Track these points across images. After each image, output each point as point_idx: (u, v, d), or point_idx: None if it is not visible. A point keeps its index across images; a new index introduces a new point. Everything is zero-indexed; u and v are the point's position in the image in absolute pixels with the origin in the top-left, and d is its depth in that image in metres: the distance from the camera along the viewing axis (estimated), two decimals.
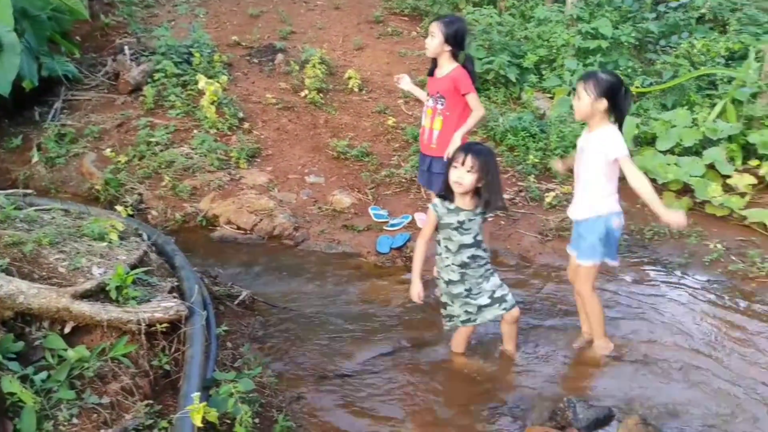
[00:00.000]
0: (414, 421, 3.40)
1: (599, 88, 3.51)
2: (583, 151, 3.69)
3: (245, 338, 3.83)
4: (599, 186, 3.64)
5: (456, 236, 3.52)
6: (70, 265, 3.29)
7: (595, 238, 3.66)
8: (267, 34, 8.38)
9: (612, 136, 3.55)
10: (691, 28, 8.38)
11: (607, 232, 3.66)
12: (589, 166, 3.65)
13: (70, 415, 2.76)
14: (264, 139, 6.41)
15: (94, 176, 5.69)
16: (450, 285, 3.61)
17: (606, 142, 3.54)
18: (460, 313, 3.65)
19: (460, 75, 4.37)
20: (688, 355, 3.92)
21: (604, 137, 3.56)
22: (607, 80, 3.53)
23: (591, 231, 3.67)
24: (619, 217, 3.70)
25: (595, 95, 3.52)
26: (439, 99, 4.46)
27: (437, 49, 4.39)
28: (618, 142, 3.53)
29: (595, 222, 3.66)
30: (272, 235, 5.22)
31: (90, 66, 7.38)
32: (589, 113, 3.58)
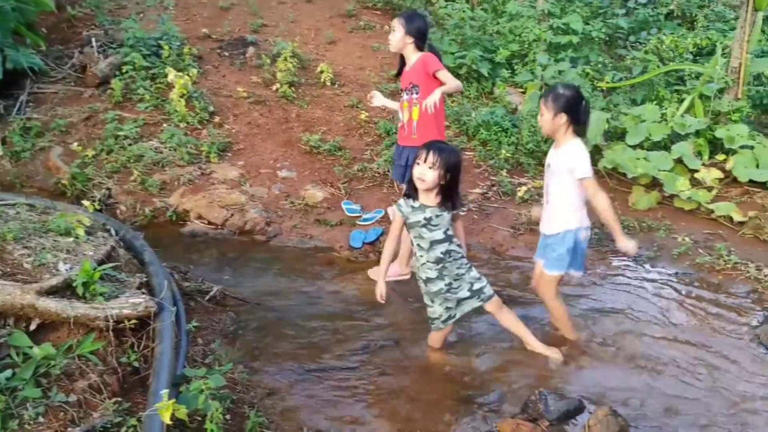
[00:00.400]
0: (387, 417, 3.39)
1: (557, 103, 3.58)
2: (550, 167, 3.76)
3: (216, 334, 3.79)
4: (568, 201, 3.71)
5: (426, 233, 3.52)
6: (36, 261, 3.22)
7: (563, 250, 3.74)
8: (238, 27, 8.29)
9: (577, 155, 3.62)
10: (660, 25, 8.51)
11: (575, 245, 3.74)
12: (557, 183, 3.72)
13: (36, 414, 2.70)
14: (235, 133, 6.35)
15: (60, 171, 5.58)
16: (429, 283, 3.60)
17: (572, 160, 3.61)
18: (441, 312, 3.65)
19: (428, 58, 4.34)
20: (656, 346, 3.98)
21: (570, 155, 3.63)
22: (565, 95, 3.60)
23: (560, 244, 3.75)
24: (587, 231, 3.79)
25: (554, 111, 3.59)
26: (413, 89, 4.41)
27: (399, 43, 4.36)
28: (582, 161, 3.60)
29: (565, 236, 3.74)
30: (244, 230, 5.18)
31: (56, 58, 7.23)
32: (552, 129, 3.66)
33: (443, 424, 3.33)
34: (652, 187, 5.79)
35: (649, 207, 5.63)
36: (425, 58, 4.33)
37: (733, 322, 4.25)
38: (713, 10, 8.75)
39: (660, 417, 3.40)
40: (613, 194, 5.78)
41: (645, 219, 5.44)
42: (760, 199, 5.66)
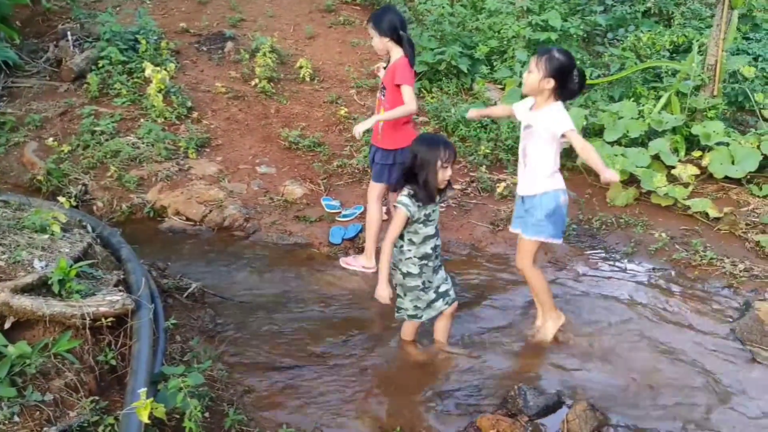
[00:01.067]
0: (365, 412, 3.39)
1: (550, 66, 3.51)
2: (529, 128, 3.70)
3: (195, 331, 3.76)
4: (547, 162, 3.66)
5: (422, 228, 3.50)
6: (10, 258, 3.17)
7: (542, 214, 3.69)
8: (216, 22, 8.22)
9: (558, 113, 3.57)
10: (637, 22, 8.58)
11: (555, 208, 3.69)
12: (536, 144, 3.66)
13: (11, 414, 2.66)
14: (213, 129, 6.30)
15: (35, 166, 5.50)
16: (407, 278, 3.57)
17: (553, 119, 3.57)
18: (408, 307, 3.65)
19: (399, 65, 4.25)
20: (633, 342, 4.02)
21: (550, 114, 3.58)
22: (559, 60, 3.52)
23: (539, 207, 3.69)
24: (565, 194, 3.74)
25: (545, 73, 3.53)
26: (382, 90, 4.39)
27: (380, 45, 4.30)
28: (564, 117, 3.56)
29: (542, 197, 3.68)
30: (222, 226, 5.14)
31: (31, 52, 7.12)
32: (537, 89, 3.60)
33: (423, 420, 3.34)
34: (630, 184, 5.84)
35: (626, 203, 5.68)
36: (397, 66, 4.25)
37: (710, 317, 4.31)
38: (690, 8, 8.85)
39: (638, 412, 3.45)
40: (591, 191, 5.85)
41: (622, 215, 5.50)
42: (735, 195, 5.75)
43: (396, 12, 4.35)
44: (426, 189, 3.38)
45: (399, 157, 4.35)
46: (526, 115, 3.75)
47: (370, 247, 4.60)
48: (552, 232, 3.73)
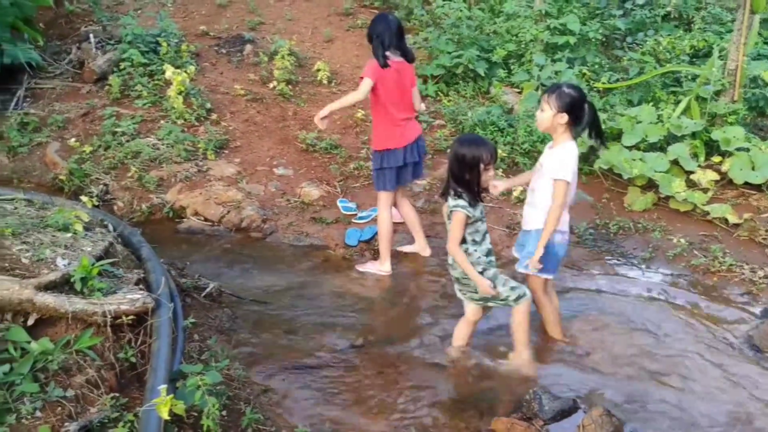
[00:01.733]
0: (381, 415, 3.41)
1: (561, 102, 3.56)
2: (542, 165, 3.74)
3: (212, 330, 3.81)
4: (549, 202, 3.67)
5: (482, 226, 3.55)
6: (34, 256, 3.22)
7: (533, 248, 3.71)
8: (235, 25, 8.29)
9: (563, 157, 3.61)
10: (657, 26, 8.53)
11: (549, 246, 3.68)
12: (544, 183, 3.69)
13: (34, 409, 2.71)
14: (232, 131, 6.35)
15: (58, 166, 5.58)
16: (484, 273, 3.55)
17: (555, 162, 3.62)
18: (509, 293, 3.58)
19: (369, 62, 4.41)
20: (650, 348, 4.00)
21: (557, 157, 3.64)
22: (569, 95, 3.57)
23: (533, 241, 3.73)
24: (563, 235, 3.75)
25: (557, 109, 3.57)
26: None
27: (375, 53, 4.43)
28: (564, 165, 3.59)
29: (537, 233, 3.71)
30: (240, 227, 5.19)
31: (54, 54, 7.23)
32: (551, 126, 3.64)
33: (438, 422, 3.35)
34: (648, 189, 5.81)
35: (644, 208, 5.65)
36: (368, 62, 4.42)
37: (728, 323, 4.27)
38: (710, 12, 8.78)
39: (654, 417, 3.43)
40: (609, 195, 5.82)
41: (640, 220, 5.47)
42: (756, 201, 5.69)
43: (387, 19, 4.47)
44: (472, 190, 3.44)
45: (386, 160, 4.47)
46: (544, 154, 3.79)
47: (384, 252, 4.63)
48: (545, 267, 3.74)
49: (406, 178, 4.68)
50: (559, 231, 3.71)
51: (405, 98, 4.54)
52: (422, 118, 6.80)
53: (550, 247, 3.69)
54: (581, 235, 5.26)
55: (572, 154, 3.64)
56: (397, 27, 4.43)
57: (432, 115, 6.93)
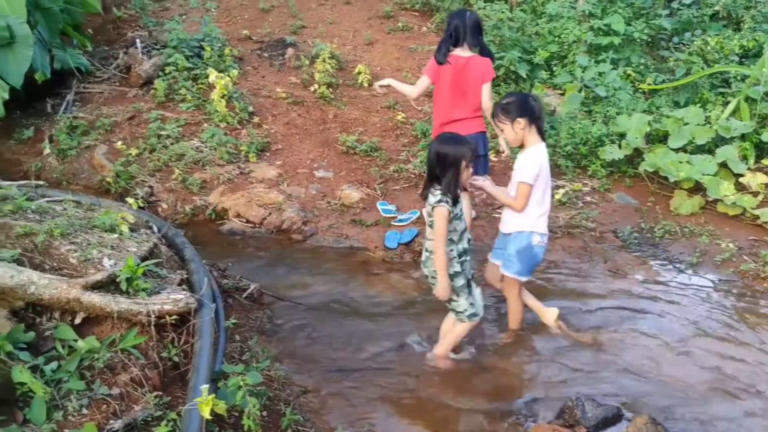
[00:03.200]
0: (420, 418, 3.40)
1: (509, 112, 3.64)
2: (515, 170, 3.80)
3: (253, 331, 3.84)
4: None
5: (459, 224, 3.53)
6: (81, 256, 3.31)
7: (513, 249, 3.78)
8: (278, 29, 8.38)
9: (527, 161, 3.67)
10: (704, 26, 8.32)
11: (527, 247, 3.75)
12: (514, 185, 3.75)
13: (80, 406, 2.78)
14: (274, 134, 6.41)
15: (105, 168, 5.72)
16: (455, 278, 3.53)
17: (521, 165, 3.69)
18: (466, 307, 3.61)
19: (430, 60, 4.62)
20: (697, 355, 3.90)
21: (523, 159, 3.70)
22: (511, 101, 3.67)
23: (513, 243, 3.79)
24: (541, 237, 3.80)
25: (511, 119, 3.64)
26: None
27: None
28: (527, 167, 3.66)
29: (517, 237, 3.78)
30: (281, 228, 5.23)
31: (102, 59, 7.41)
32: (519, 138, 3.69)
33: (478, 427, 3.32)
34: (695, 192, 5.67)
35: (691, 212, 5.52)
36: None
37: None
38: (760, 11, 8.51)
39: (700, 427, 3.34)
40: (655, 198, 5.70)
41: (687, 224, 5.34)
42: None
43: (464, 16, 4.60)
44: (452, 188, 3.41)
45: None
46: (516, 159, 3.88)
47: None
48: (517, 269, 3.81)
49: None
50: (538, 233, 3.77)
51: (466, 96, 4.54)
52: None
53: (528, 250, 3.76)
54: (626, 240, 5.16)
55: (537, 155, 3.68)
56: (474, 22, 4.52)
57: None
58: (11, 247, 3.23)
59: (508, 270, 3.84)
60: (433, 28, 8.72)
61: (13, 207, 3.60)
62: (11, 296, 2.98)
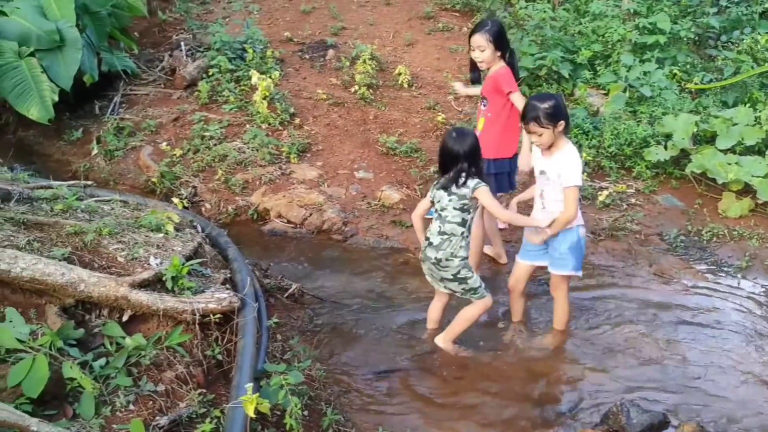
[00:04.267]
0: (463, 419, 3.38)
1: (555, 116, 3.56)
2: (544, 174, 3.75)
3: (294, 331, 3.87)
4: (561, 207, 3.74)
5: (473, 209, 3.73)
6: (129, 255, 3.37)
7: (565, 247, 3.76)
8: (318, 30, 8.43)
9: (570, 163, 3.65)
10: (754, 23, 8.09)
11: (576, 242, 3.77)
12: (555, 189, 3.72)
13: (127, 402, 2.83)
14: (314, 135, 6.45)
15: (150, 169, 5.83)
16: (465, 260, 3.72)
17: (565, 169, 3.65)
18: (480, 282, 3.78)
19: (502, 74, 4.34)
20: (748, 362, 3.80)
21: (564, 163, 3.66)
22: (553, 105, 3.57)
23: (562, 241, 3.76)
24: (584, 228, 3.85)
25: (555, 124, 3.58)
26: (483, 100, 4.52)
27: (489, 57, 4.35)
28: (573, 169, 3.64)
29: (567, 234, 3.75)
30: (321, 229, 5.26)
31: (147, 61, 7.56)
32: (553, 140, 3.65)
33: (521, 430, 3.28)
34: (745, 194, 5.52)
35: (740, 214, 5.38)
36: (499, 75, 4.35)
37: None
38: None
39: None
40: (702, 200, 5.57)
41: (735, 227, 5.20)
42: None
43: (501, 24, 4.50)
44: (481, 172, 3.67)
45: (493, 167, 4.38)
46: (539, 161, 3.81)
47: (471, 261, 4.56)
48: (574, 264, 3.82)
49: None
50: (582, 225, 3.82)
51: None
52: None
53: (579, 244, 3.78)
54: (672, 243, 5.05)
55: (576, 154, 3.69)
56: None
57: None
58: (62, 245, 3.32)
59: (564, 269, 3.82)
60: None
61: (63, 206, 3.70)
62: (62, 293, 3.05)
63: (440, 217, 3.70)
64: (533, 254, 3.93)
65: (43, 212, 3.63)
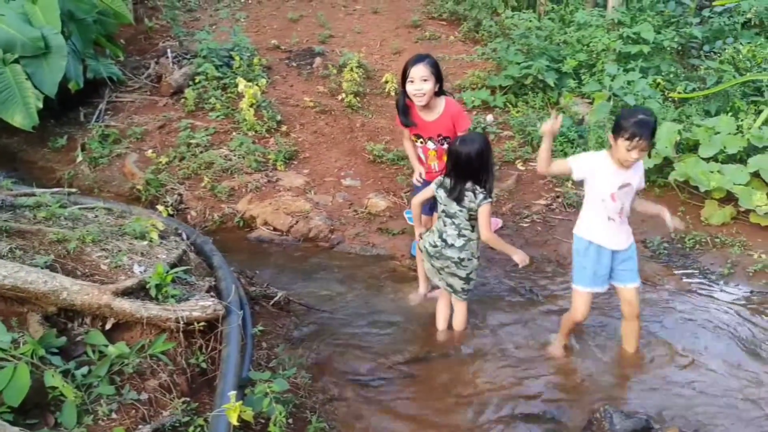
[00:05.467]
0: (444, 427, 3.38)
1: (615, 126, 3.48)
2: (628, 186, 3.60)
3: (280, 339, 3.86)
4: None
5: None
6: (112, 263, 3.36)
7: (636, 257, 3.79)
8: (306, 38, 8.45)
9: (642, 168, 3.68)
10: (736, 34, 8.19)
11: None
12: (633, 198, 3.68)
13: (110, 410, 2.81)
14: (301, 142, 6.46)
15: (135, 176, 5.81)
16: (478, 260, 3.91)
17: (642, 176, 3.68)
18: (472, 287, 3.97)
19: (459, 111, 4.17)
20: (730, 368, 3.83)
21: (641, 170, 3.67)
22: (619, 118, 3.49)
23: (635, 252, 3.78)
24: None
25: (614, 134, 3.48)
26: (443, 140, 4.18)
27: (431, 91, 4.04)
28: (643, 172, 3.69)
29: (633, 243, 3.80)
30: (308, 236, 5.26)
31: (133, 68, 7.54)
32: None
33: None
34: (726, 202, 5.57)
35: (722, 222, 5.43)
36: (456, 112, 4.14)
37: None
38: None
39: None
40: (685, 208, 5.62)
41: (718, 234, 5.25)
42: None
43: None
44: (491, 182, 3.72)
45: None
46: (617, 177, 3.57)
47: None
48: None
49: None
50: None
51: None
52: (490, 129, 6.75)
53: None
54: (655, 250, 5.10)
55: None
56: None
57: (500, 126, 6.86)
58: (44, 253, 3.30)
59: (639, 280, 3.80)
60: (460, 37, 8.73)
61: (46, 214, 3.68)
62: (44, 301, 3.04)
63: (453, 223, 3.80)
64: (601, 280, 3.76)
65: (25, 220, 3.61)
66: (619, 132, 3.43)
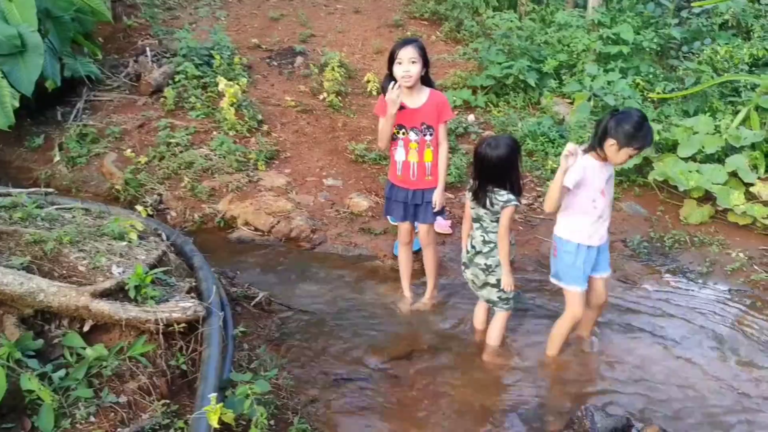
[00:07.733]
0: (425, 427, 3.38)
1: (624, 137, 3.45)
2: (612, 178, 3.67)
3: (261, 340, 3.84)
4: None
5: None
6: (90, 264, 3.32)
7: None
8: (287, 37, 8.41)
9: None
10: (714, 35, 8.29)
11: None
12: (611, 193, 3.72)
13: (88, 414, 2.78)
14: (282, 142, 6.43)
15: (114, 176, 5.74)
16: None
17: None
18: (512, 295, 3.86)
19: (444, 101, 4.08)
20: (708, 365, 3.87)
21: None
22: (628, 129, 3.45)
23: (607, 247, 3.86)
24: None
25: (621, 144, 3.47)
26: (427, 130, 4.05)
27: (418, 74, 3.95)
28: None
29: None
30: (289, 237, 5.23)
31: (112, 67, 7.45)
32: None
33: None
34: (705, 201, 5.64)
35: (701, 221, 5.49)
36: (442, 101, 4.06)
37: None
38: None
39: None
40: (664, 207, 5.67)
41: (697, 233, 5.31)
42: None
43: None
44: (518, 183, 3.67)
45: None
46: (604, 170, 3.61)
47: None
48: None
49: None
50: None
51: None
52: (471, 129, 6.76)
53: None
54: (635, 249, 5.14)
55: None
56: None
57: (482, 126, 6.88)
58: (21, 254, 3.25)
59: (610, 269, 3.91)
60: (442, 37, 8.74)
61: (22, 214, 3.62)
62: (20, 303, 2.99)
63: (481, 226, 3.75)
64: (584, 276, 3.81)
65: (1, 220, 3.55)
66: (629, 143, 3.44)
